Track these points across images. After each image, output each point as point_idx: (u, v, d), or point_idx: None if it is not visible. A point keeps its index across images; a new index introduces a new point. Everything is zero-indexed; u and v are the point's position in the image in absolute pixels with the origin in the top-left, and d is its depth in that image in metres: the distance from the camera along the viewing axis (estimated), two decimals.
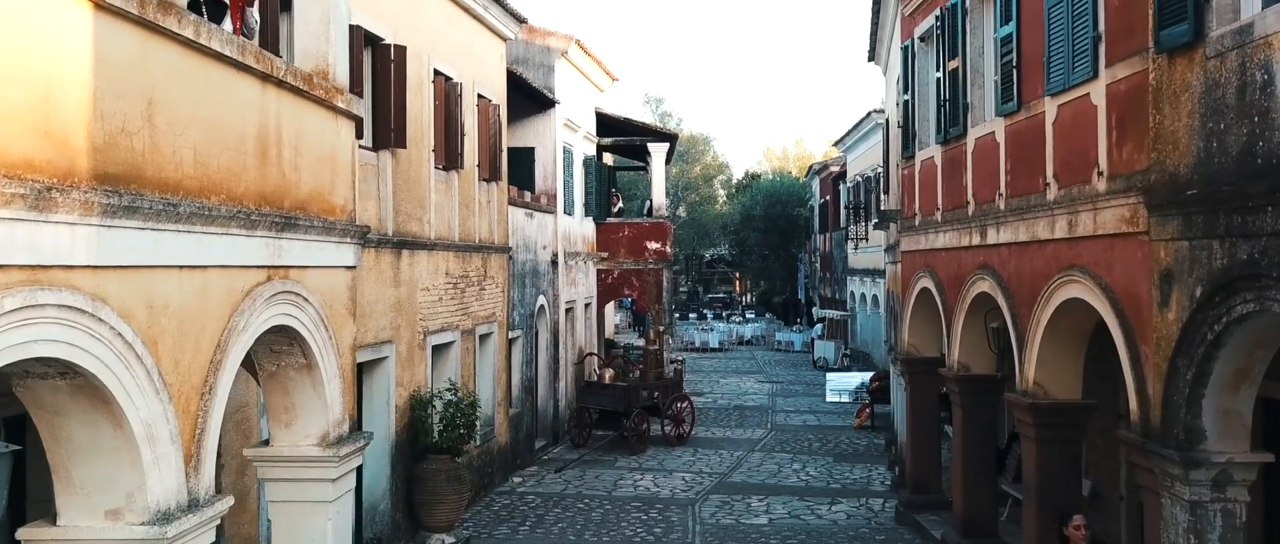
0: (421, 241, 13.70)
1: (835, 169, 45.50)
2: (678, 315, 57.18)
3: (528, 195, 20.06)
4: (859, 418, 24.55)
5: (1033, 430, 9.81)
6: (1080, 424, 9.93)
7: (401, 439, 13.11)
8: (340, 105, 7.42)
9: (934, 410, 15.04)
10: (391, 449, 12.85)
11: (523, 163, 21.51)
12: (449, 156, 14.91)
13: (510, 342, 18.64)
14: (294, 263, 6.56)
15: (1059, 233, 9.16)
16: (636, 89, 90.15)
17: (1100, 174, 8.30)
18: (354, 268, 7.66)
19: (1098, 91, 8.37)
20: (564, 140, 22.36)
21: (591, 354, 23.16)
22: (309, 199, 6.83)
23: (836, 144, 40.00)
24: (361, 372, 12.51)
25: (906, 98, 15.01)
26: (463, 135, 15.16)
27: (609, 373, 20.92)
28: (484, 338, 16.64)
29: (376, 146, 12.50)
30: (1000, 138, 10.79)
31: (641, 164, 31.10)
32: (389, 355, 12.66)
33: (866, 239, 25.54)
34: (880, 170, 32.69)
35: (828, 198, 47.21)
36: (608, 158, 37.28)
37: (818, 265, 52.08)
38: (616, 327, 49.06)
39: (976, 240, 11.52)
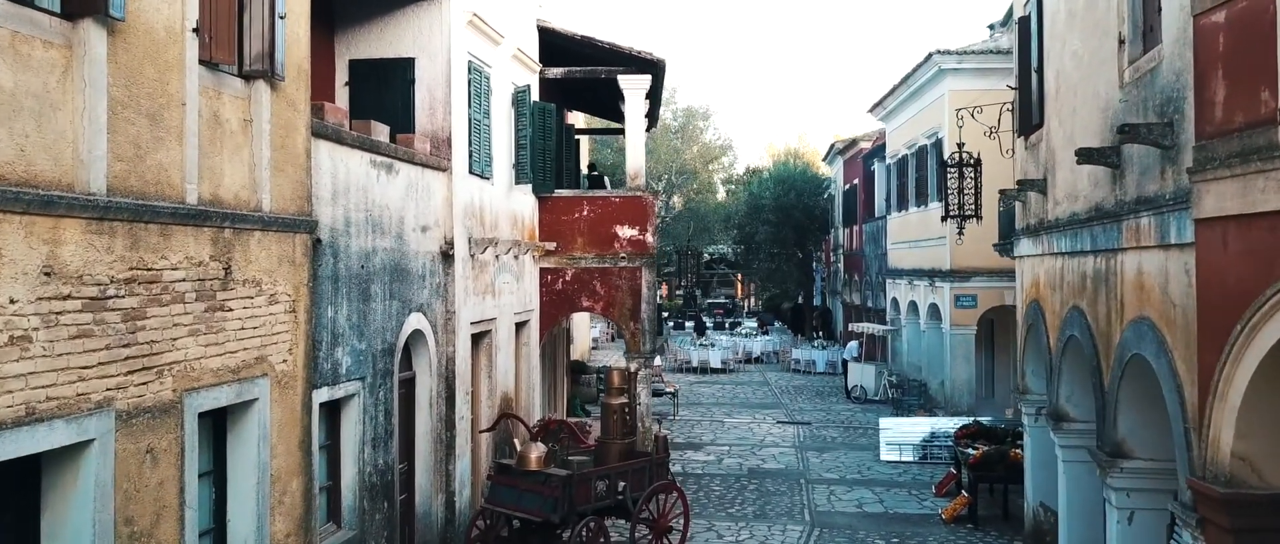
0: None
1: (866, 145, 36.43)
2: (672, 325, 47.94)
3: (386, 133, 11.06)
4: (952, 505, 15.50)
5: None
6: None
7: None
8: None
9: None
10: None
11: (390, 81, 12.50)
12: None
13: (334, 406, 9.63)
14: None
15: None
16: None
17: None
18: None
19: None
20: (470, 52, 13.32)
21: (510, 416, 13.80)
22: None
23: (873, 109, 30.74)
24: None
25: None
26: None
27: (536, 454, 11.73)
28: (233, 412, 7.64)
29: None
30: None
31: (620, 126, 21.91)
32: None
33: (977, 217, 16.41)
34: (942, 136, 23.84)
35: (856, 181, 38.11)
36: (579, 120, 28.35)
37: (840, 265, 42.89)
38: (595, 342, 39.95)
39: None
